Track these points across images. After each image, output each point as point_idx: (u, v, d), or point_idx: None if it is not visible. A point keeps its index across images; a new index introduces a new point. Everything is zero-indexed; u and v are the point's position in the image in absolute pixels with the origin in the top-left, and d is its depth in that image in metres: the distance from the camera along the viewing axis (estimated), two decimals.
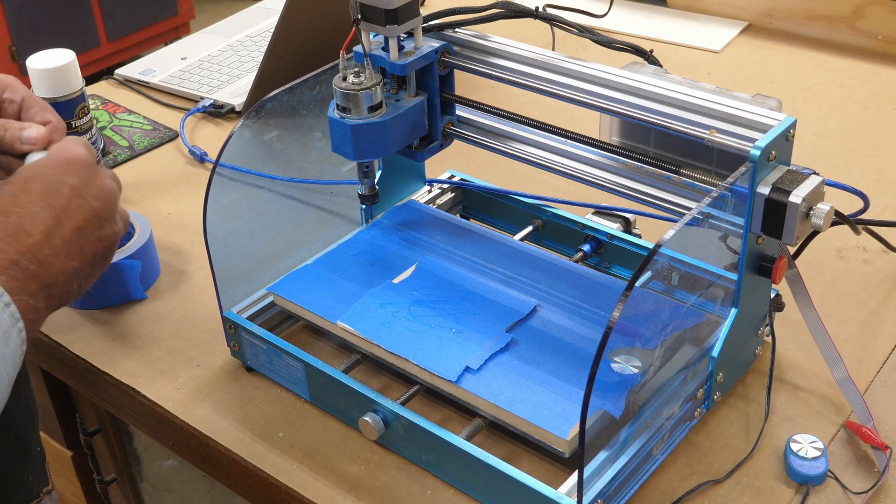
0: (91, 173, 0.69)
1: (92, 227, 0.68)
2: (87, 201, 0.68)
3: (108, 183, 0.71)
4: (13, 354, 0.61)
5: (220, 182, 0.89)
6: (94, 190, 0.69)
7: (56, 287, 0.65)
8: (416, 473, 0.82)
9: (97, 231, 0.69)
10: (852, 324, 0.95)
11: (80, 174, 0.69)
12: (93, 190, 0.69)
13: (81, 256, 0.67)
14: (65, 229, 0.66)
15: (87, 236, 0.68)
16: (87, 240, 0.68)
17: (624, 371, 0.77)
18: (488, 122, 0.97)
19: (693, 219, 0.71)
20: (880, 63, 1.43)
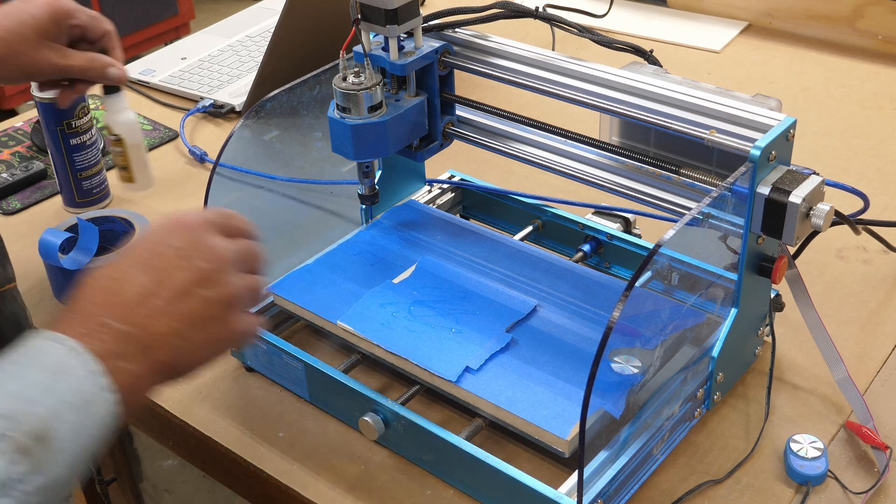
0: (199, 236, 0.66)
1: (197, 288, 0.64)
2: (191, 263, 0.65)
3: (218, 244, 0.67)
4: (96, 425, 0.59)
5: (220, 182, 0.89)
6: (202, 252, 0.66)
7: (158, 350, 0.62)
8: (416, 473, 0.82)
9: (203, 292, 0.65)
10: (852, 324, 0.95)
11: (185, 237, 0.66)
12: (200, 252, 0.66)
13: (186, 318, 0.64)
14: (165, 291, 0.63)
15: (191, 297, 0.64)
16: (193, 301, 0.64)
17: (624, 371, 0.77)
18: (488, 122, 0.97)
19: (693, 219, 0.71)
20: (880, 63, 1.43)
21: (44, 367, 0.58)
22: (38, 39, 0.92)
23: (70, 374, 0.58)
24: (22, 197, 1.24)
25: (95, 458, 0.60)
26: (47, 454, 0.56)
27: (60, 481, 0.57)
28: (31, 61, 0.93)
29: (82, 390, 0.58)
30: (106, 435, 0.60)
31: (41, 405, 0.57)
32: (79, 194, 1.18)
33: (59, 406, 0.57)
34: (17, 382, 0.58)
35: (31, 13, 0.92)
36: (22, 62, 0.93)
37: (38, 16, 0.92)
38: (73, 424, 0.57)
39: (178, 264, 0.65)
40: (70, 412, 0.57)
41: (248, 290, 0.68)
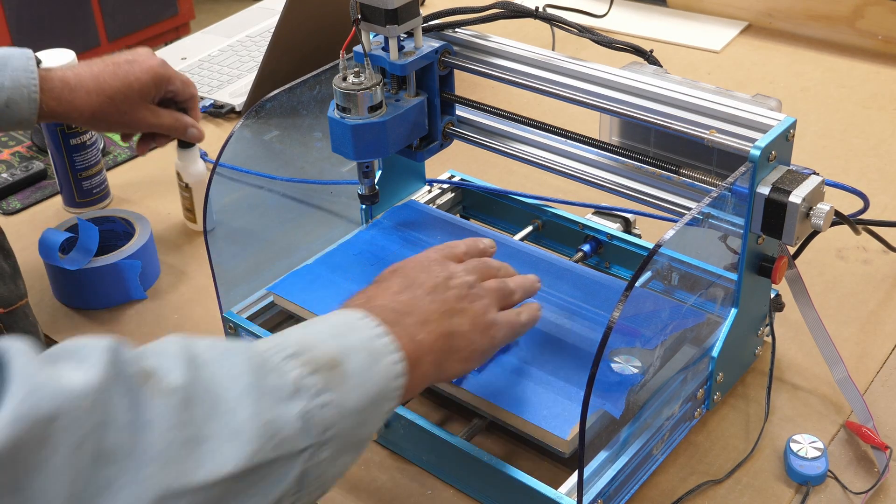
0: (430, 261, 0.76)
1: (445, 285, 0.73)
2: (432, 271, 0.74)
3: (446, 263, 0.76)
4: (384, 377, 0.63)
5: (220, 182, 0.89)
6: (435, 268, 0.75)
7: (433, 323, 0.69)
8: (416, 473, 0.82)
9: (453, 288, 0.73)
10: (852, 324, 0.95)
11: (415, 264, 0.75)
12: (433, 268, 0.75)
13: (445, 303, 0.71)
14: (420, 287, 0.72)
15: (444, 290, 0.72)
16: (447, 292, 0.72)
17: (624, 371, 0.77)
18: (488, 122, 0.97)
19: (693, 219, 0.71)
20: (880, 63, 1.43)
21: (333, 324, 0.65)
22: (140, 101, 1.00)
23: (358, 331, 0.64)
24: (22, 197, 1.24)
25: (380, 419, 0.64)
26: (338, 377, 0.60)
27: (350, 409, 0.60)
28: (132, 119, 1.01)
29: (371, 343, 0.64)
30: (391, 395, 0.63)
31: (332, 344, 0.62)
32: (79, 194, 1.18)
33: (349, 348, 0.62)
34: (310, 329, 0.64)
35: (137, 76, 0.99)
36: (123, 119, 1.00)
37: (144, 80, 1.00)
38: (363, 366, 0.62)
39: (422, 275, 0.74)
40: (359, 355, 0.62)
41: (496, 290, 0.76)
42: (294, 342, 0.61)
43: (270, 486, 0.55)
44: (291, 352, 0.59)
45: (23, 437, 0.46)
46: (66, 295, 1.04)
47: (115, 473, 0.49)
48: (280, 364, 0.58)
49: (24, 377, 0.47)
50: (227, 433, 0.53)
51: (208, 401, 0.54)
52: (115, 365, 0.51)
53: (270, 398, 0.56)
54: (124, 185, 1.25)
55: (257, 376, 0.56)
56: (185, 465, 0.51)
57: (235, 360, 0.57)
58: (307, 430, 0.57)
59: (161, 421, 0.51)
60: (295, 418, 0.56)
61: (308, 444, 0.57)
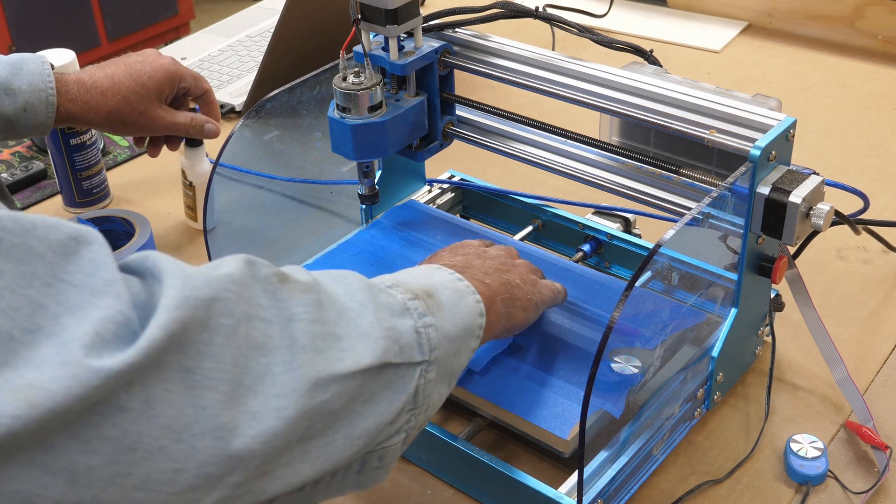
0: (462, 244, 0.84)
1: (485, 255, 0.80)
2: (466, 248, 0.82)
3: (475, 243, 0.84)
4: (468, 313, 0.67)
5: (220, 182, 0.89)
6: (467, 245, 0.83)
7: (491, 277, 0.75)
8: (416, 473, 0.82)
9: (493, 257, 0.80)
10: (852, 324, 0.95)
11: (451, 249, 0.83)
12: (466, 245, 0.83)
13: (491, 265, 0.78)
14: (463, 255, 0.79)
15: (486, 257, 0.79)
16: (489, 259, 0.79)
17: (624, 371, 0.77)
18: (488, 122, 0.97)
19: (693, 219, 0.71)
20: (880, 63, 1.43)
21: (416, 272, 0.70)
22: (155, 100, 1.01)
23: (439, 275, 0.69)
24: (22, 197, 1.24)
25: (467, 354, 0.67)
26: (435, 305, 0.64)
27: (447, 335, 0.63)
28: (148, 119, 1.01)
29: (454, 284, 0.68)
30: (475, 331, 0.68)
31: (422, 280, 0.67)
32: (79, 194, 1.18)
33: (436, 285, 0.67)
34: (397, 274, 0.69)
35: (150, 75, 1.00)
36: (139, 120, 1.00)
37: (157, 78, 1.00)
38: (451, 300, 0.66)
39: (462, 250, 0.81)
40: (446, 292, 0.67)
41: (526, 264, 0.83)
42: (389, 279, 0.66)
43: (397, 391, 0.58)
44: (390, 283, 0.64)
45: (188, 319, 0.48)
46: None
47: (269, 362, 0.52)
48: (387, 288, 0.63)
49: (177, 271, 0.50)
50: (358, 333, 0.57)
51: (336, 307, 0.57)
52: (250, 266, 0.55)
53: (387, 311, 0.60)
54: (124, 185, 1.25)
55: (371, 294, 0.60)
56: (330, 355, 0.55)
57: (349, 281, 0.61)
58: (420, 344, 0.60)
59: (304, 315, 0.55)
60: (410, 331, 0.60)
61: (422, 358, 0.60)
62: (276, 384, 0.51)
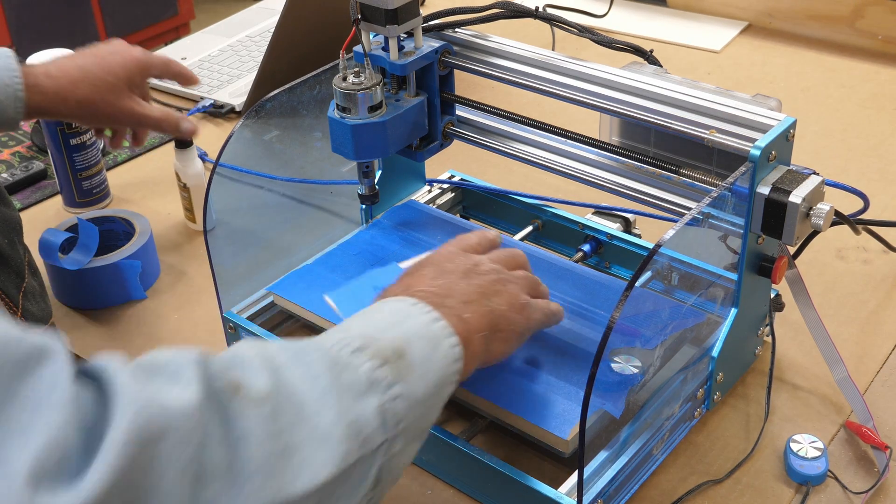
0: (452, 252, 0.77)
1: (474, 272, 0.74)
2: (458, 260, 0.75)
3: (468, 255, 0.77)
4: (443, 361, 0.64)
5: (220, 182, 0.89)
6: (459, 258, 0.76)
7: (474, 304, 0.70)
8: (416, 473, 0.82)
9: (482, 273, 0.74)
10: (852, 324, 0.95)
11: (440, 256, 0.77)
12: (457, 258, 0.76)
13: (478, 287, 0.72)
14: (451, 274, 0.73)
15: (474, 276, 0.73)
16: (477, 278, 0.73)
17: (624, 371, 0.77)
18: (488, 122, 0.97)
19: (693, 219, 0.71)
20: (880, 63, 1.43)
21: (388, 313, 0.65)
22: (125, 89, 0.99)
23: (415, 318, 0.65)
24: (22, 197, 1.24)
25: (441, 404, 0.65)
26: (404, 367, 0.60)
27: (418, 399, 0.61)
28: (117, 109, 0.99)
29: (428, 329, 0.64)
30: (451, 378, 0.65)
31: (393, 333, 0.62)
32: (79, 194, 1.18)
33: (409, 335, 0.63)
34: (369, 320, 0.65)
35: (121, 63, 0.98)
36: (108, 110, 0.98)
37: (129, 67, 0.99)
38: (424, 351, 0.62)
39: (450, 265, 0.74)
40: (420, 341, 0.63)
41: (524, 277, 0.77)
42: (357, 335, 0.61)
43: (355, 488, 0.56)
44: (358, 345, 0.60)
45: (133, 461, 0.46)
46: (66, 295, 1.04)
47: (217, 492, 0.49)
48: (350, 359, 0.59)
49: (129, 396, 0.47)
50: (317, 438, 0.54)
51: (294, 406, 0.54)
52: (206, 382, 0.51)
53: (349, 395, 0.56)
54: (124, 185, 1.25)
55: (333, 374, 0.57)
56: (283, 478, 0.51)
57: (310, 359, 0.57)
58: (384, 424, 0.58)
59: (255, 433, 0.51)
60: (373, 414, 0.57)
61: (384, 438, 0.58)
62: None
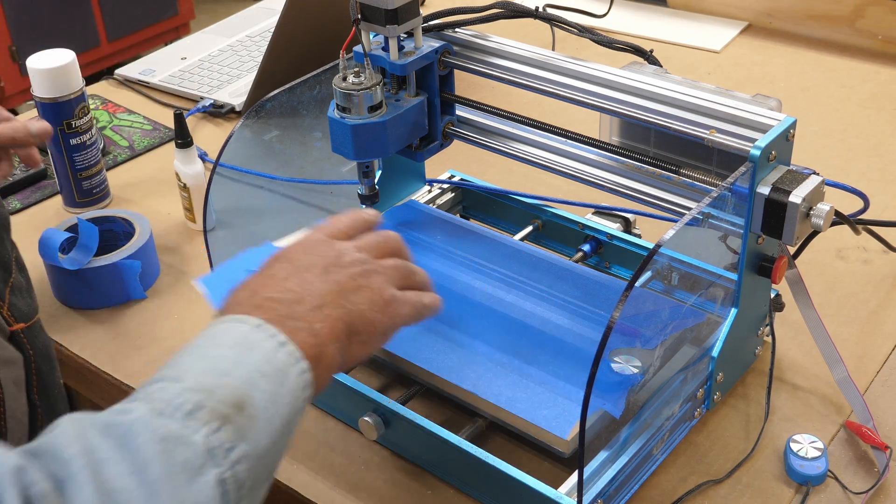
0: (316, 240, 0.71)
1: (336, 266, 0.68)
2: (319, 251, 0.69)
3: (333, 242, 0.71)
4: (291, 394, 0.59)
5: (220, 182, 0.89)
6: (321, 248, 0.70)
7: (330, 307, 0.64)
8: (416, 473, 0.82)
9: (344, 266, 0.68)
10: (852, 324, 0.95)
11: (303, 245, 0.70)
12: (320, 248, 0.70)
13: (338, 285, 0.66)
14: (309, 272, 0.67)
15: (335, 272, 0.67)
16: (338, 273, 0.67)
17: (624, 371, 0.77)
18: (488, 122, 0.97)
19: (693, 219, 0.71)
20: (880, 63, 1.43)
21: (231, 344, 0.59)
22: None
23: (258, 347, 0.59)
24: (22, 197, 1.24)
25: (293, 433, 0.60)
26: (246, 421, 0.55)
27: (263, 451, 0.56)
28: None
29: (273, 360, 0.59)
30: (301, 406, 0.60)
31: (234, 376, 0.57)
32: (79, 194, 1.18)
33: (252, 376, 0.57)
34: (207, 360, 0.58)
35: None
36: None
37: None
38: (269, 392, 0.57)
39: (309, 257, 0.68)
40: (264, 381, 0.58)
41: (393, 267, 0.71)
42: (193, 386, 0.55)
43: None
44: (192, 406, 0.54)
45: None
46: (66, 295, 1.04)
47: None
48: (183, 429, 0.53)
49: None
50: None
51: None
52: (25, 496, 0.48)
53: (183, 477, 0.52)
54: (124, 185, 1.25)
55: (164, 455, 0.52)
56: None
57: (137, 444, 0.52)
58: (225, 496, 0.53)
59: None
60: (212, 489, 0.53)
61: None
62: None
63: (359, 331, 0.66)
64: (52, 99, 1.11)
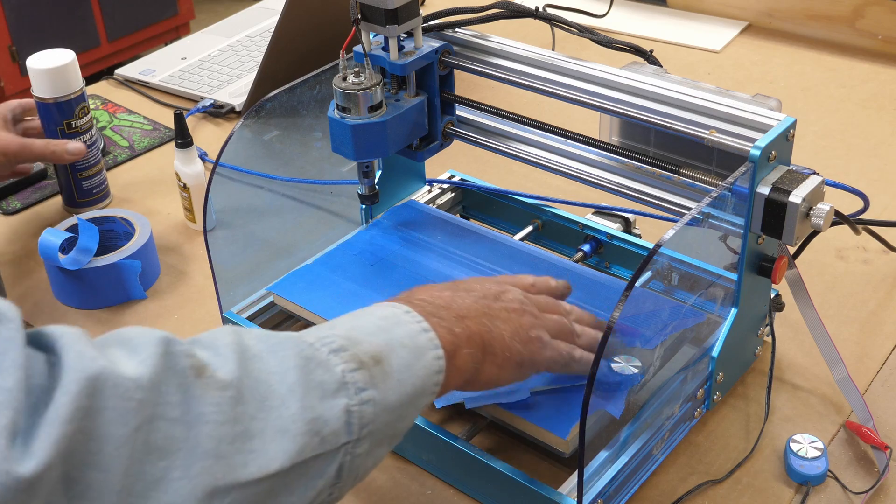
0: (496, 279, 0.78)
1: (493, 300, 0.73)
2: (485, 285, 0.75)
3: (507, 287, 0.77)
4: (424, 371, 0.63)
5: (220, 182, 0.89)
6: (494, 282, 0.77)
7: (471, 320, 0.69)
8: (416, 473, 0.82)
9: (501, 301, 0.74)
10: (852, 324, 0.95)
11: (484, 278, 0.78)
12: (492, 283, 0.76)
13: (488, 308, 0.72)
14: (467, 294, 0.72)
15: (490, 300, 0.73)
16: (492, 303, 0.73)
17: (624, 371, 0.77)
18: (488, 122, 0.97)
19: (693, 219, 0.71)
20: (880, 63, 1.43)
21: (380, 317, 0.65)
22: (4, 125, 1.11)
23: (404, 324, 0.65)
24: (22, 197, 1.24)
25: (418, 410, 0.64)
26: (381, 373, 0.60)
27: (390, 406, 0.61)
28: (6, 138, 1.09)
29: (414, 338, 0.64)
30: (431, 389, 0.64)
31: (378, 338, 0.63)
32: (79, 194, 1.18)
33: (393, 343, 0.63)
34: (358, 321, 0.65)
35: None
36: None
37: None
38: (406, 360, 0.62)
39: (474, 285, 0.75)
40: (403, 350, 0.63)
41: (553, 321, 0.76)
42: (341, 334, 0.62)
43: (312, 480, 0.57)
44: (338, 345, 0.60)
45: (73, 432, 0.47)
46: (66, 295, 1.04)
47: (166, 467, 0.50)
48: (327, 358, 0.59)
49: (81, 363, 0.49)
50: (276, 429, 0.55)
51: (258, 395, 0.55)
52: (167, 357, 0.52)
53: (317, 393, 0.57)
54: (124, 185, 1.25)
55: (305, 371, 0.57)
56: (234, 461, 0.53)
57: (285, 354, 0.58)
58: (349, 425, 0.58)
59: (213, 416, 0.52)
60: (339, 414, 0.57)
61: (348, 439, 0.58)
62: (170, 490, 0.50)
63: (494, 352, 0.70)
64: (52, 99, 1.11)
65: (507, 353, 0.70)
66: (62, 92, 1.11)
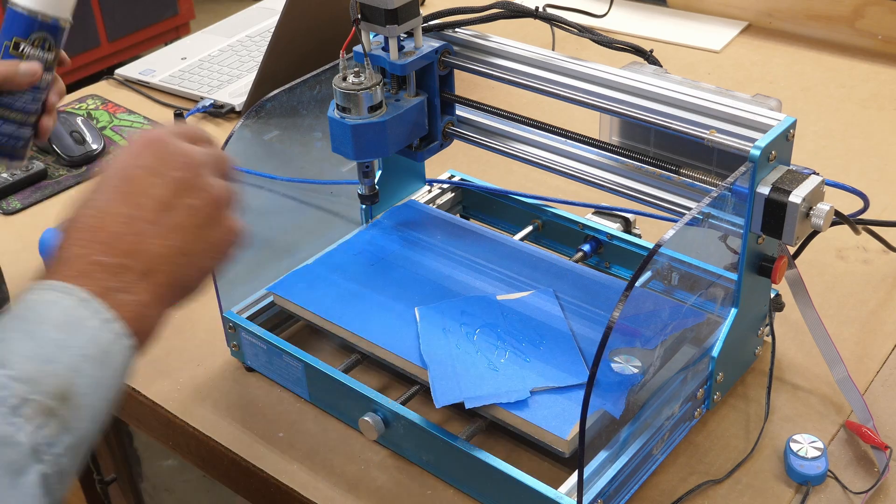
0: (167, 148, 0.64)
1: (178, 199, 0.62)
2: (165, 175, 0.63)
3: (188, 149, 0.64)
4: (116, 374, 0.58)
5: None
6: (173, 161, 0.63)
7: (159, 273, 0.60)
8: (416, 473, 0.82)
9: (186, 200, 0.63)
10: (852, 324, 0.95)
11: (153, 152, 0.64)
12: (171, 162, 0.63)
13: (178, 231, 0.62)
14: (147, 211, 0.61)
15: (176, 209, 0.62)
16: (179, 213, 0.62)
17: (624, 371, 0.77)
18: (488, 122, 0.97)
19: (693, 219, 0.71)
20: (880, 63, 1.43)
21: (56, 323, 0.57)
22: None
23: (84, 327, 0.57)
24: (22, 197, 1.24)
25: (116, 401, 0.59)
26: (72, 412, 0.55)
27: (87, 436, 0.56)
28: None
29: (98, 341, 0.57)
30: (124, 376, 0.59)
31: (60, 363, 0.56)
32: None
33: (77, 361, 0.56)
34: (32, 342, 0.56)
35: None
36: None
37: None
38: (94, 377, 0.56)
39: (153, 181, 0.62)
40: (89, 366, 0.56)
41: (229, 191, 0.66)
42: (20, 376, 0.54)
43: None
44: (19, 399, 0.53)
45: None
46: None
47: None
48: (9, 426, 0.52)
49: None
50: None
51: None
52: None
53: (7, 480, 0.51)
54: None
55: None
56: None
57: None
58: (48, 489, 0.53)
59: None
60: (35, 487, 0.52)
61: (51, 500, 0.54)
62: None
63: (190, 284, 0.64)
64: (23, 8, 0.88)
65: (204, 276, 0.65)
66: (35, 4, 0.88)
